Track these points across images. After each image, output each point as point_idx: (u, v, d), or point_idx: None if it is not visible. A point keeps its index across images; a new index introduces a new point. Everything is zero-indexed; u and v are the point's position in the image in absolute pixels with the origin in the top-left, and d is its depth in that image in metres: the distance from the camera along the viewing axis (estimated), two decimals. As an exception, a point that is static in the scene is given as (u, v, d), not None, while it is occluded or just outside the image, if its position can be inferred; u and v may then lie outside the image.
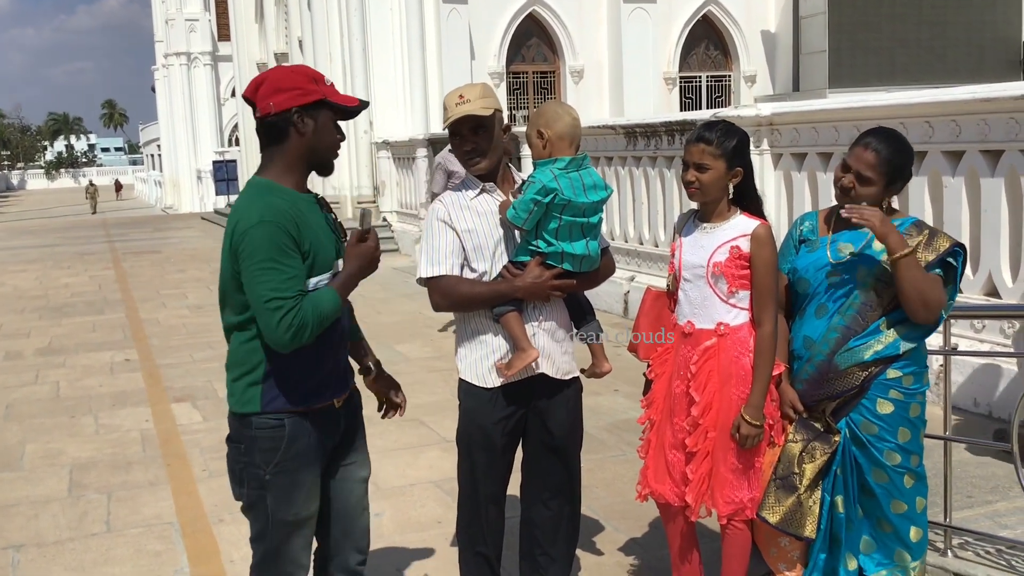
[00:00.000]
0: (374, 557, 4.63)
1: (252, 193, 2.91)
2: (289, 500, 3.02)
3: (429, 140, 16.56)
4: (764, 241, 3.39)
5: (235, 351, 3.00)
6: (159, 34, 45.43)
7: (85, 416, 7.44)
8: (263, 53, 30.53)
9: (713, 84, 23.22)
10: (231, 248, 2.85)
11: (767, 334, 3.38)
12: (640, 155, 10.49)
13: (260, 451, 2.97)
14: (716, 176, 3.40)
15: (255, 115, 2.91)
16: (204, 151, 41.03)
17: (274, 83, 2.88)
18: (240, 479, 3.05)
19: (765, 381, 3.37)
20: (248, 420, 2.97)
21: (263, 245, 2.77)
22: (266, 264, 2.77)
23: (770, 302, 3.39)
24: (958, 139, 6.63)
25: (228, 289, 2.93)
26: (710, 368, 3.45)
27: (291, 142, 2.89)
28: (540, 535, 3.67)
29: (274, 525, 3.03)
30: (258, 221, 2.78)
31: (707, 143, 3.39)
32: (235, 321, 2.95)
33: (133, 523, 5.20)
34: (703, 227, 3.51)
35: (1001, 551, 4.05)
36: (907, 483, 3.25)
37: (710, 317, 3.46)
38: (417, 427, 6.69)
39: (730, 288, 3.42)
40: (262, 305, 2.78)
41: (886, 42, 20.94)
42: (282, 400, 2.94)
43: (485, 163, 3.41)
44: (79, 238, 26.27)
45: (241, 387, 2.97)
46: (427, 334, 9.97)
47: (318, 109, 2.90)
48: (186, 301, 13.25)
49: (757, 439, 3.37)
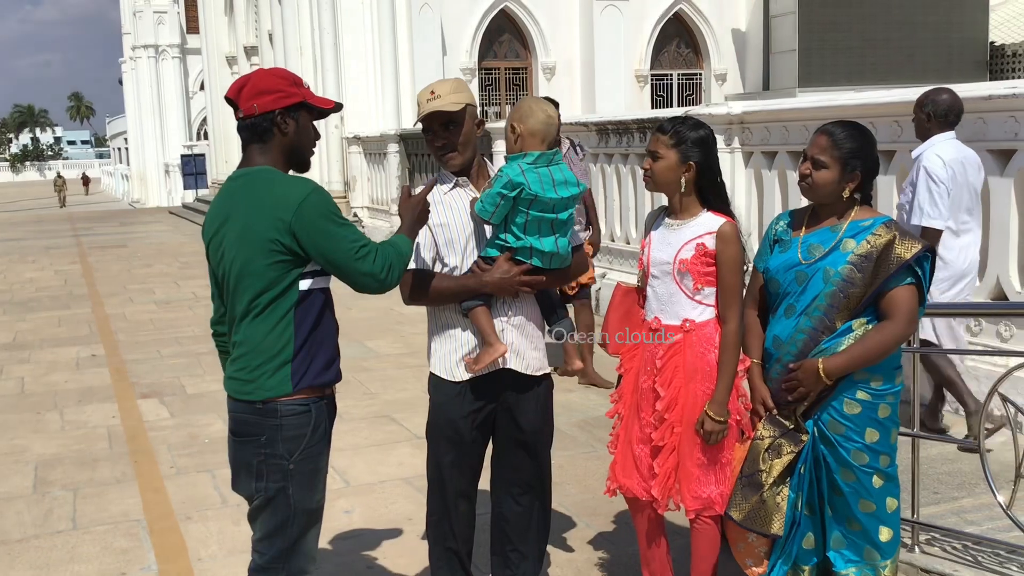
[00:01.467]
0: (344, 554, 4.61)
1: (274, 175, 2.99)
2: (312, 487, 3.07)
3: (400, 135, 16.51)
4: (729, 239, 3.43)
5: (258, 335, 2.96)
6: (127, 26, 44.83)
7: (51, 412, 7.35)
8: (232, 46, 30.31)
9: (684, 82, 23.32)
10: (283, 224, 2.87)
11: (732, 331, 3.43)
12: (612, 152, 10.51)
13: (284, 440, 2.97)
14: (667, 166, 3.45)
15: (237, 115, 3.02)
16: (172, 145, 40.61)
17: (256, 86, 3.00)
18: (258, 473, 3.00)
19: (730, 377, 3.42)
20: (273, 408, 2.96)
21: (328, 207, 2.93)
22: (339, 220, 2.93)
23: (735, 299, 3.44)
24: (926, 139, 6.68)
25: (254, 272, 2.91)
26: (676, 364, 3.49)
27: (274, 141, 3.02)
28: (511, 531, 3.67)
29: (296, 516, 3.03)
30: (313, 189, 2.93)
31: (663, 132, 3.46)
32: (258, 306, 2.94)
33: (100, 520, 5.14)
34: (671, 224, 3.55)
35: (967, 547, 4.10)
36: (875, 483, 3.26)
37: (676, 313, 3.50)
38: (388, 423, 6.66)
39: (696, 285, 3.46)
40: (352, 256, 2.92)
41: (855, 42, 21.11)
42: (310, 376, 2.99)
43: (458, 158, 3.42)
44: (44, 232, 25.96)
45: (268, 371, 2.95)
46: (398, 330, 9.94)
47: (299, 110, 3.04)
48: (153, 296, 13.13)
49: (721, 435, 3.42)
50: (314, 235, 2.89)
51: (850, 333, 3.23)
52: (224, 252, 2.99)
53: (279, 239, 2.88)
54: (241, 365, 3.00)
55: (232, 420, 3.07)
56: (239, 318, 2.99)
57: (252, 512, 3.10)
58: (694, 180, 3.47)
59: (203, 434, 6.59)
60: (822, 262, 3.25)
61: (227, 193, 3.04)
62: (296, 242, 2.89)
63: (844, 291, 3.21)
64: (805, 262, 3.29)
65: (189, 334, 10.22)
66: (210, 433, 6.58)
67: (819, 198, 3.32)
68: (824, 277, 3.24)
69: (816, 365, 3.21)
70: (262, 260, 2.90)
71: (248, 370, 2.98)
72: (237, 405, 3.03)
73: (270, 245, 2.89)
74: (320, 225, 2.89)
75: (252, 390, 2.97)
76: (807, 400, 3.28)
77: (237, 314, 3.00)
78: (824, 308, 3.24)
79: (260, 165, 3.01)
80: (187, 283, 14.08)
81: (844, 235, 3.26)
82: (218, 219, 3.03)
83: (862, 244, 3.21)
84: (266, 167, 3.01)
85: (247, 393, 2.98)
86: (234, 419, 3.06)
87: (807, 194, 3.35)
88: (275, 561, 3.07)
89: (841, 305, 3.23)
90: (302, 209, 2.88)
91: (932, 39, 21.46)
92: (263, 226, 2.89)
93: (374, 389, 7.49)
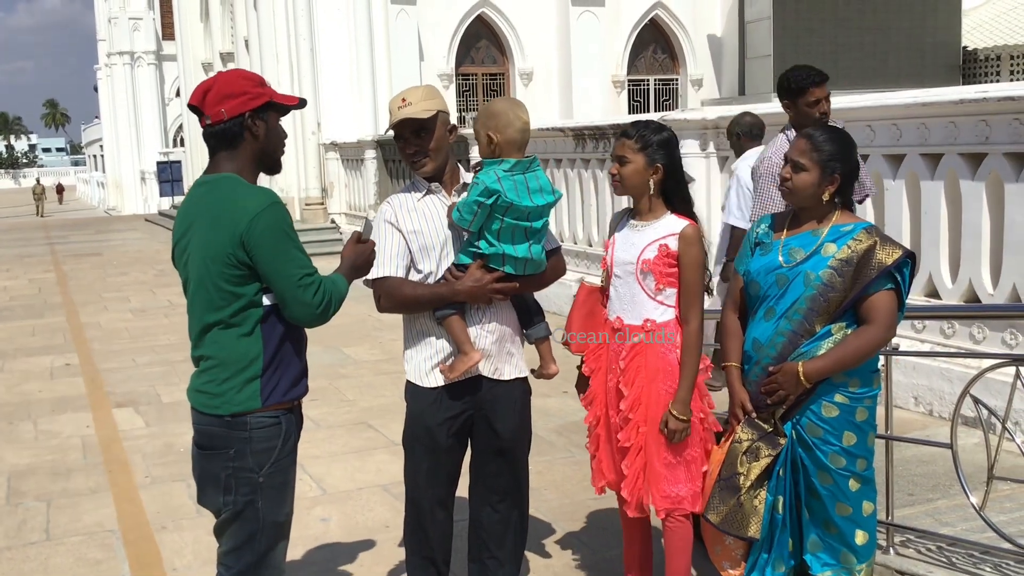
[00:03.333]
0: (321, 562, 4.59)
1: (236, 184, 2.90)
2: (281, 500, 3.03)
3: (378, 142, 16.49)
4: (692, 240, 3.49)
5: (224, 349, 2.91)
6: (102, 33, 44.55)
7: (24, 422, 7.27)
8: (208, 53, 30.14)
9: (661, 87, 23.41)
10: (237, 236, 2.80)
11: (693, 331, 3.49)
12: (588, 157, 10.53)
13: (254, 453, 2.93)
14: (635, 170, 3.50)
15: (204, 123, 2.93)
16: (148, 152, 40.36)
17: (221, 90, 2.91)
18: (226, 486, 2.95)
19: (691, 377, 3.48)
20: (243, 421, 2.91)
21: (281, 226, 2.85)
22: (289, 244, 2.85)
23: (696, 300, 3.51)
24: (899, 142, 6.75)
25: (213, 283, 2.86)
26: (638, 364, 3.54)
27: (245, 146, 2.95)
28: (488, 538, 3.66)
29: (264, 529, 2.99)
30: (270, 204, 2.84)
31: (628, 137, 3.52)
32: (219, 318, 2.89)
33: (73, 531, 5.09)
34: (635, 225, 3.61)
35: (942, 548, 4.12)
36: (852, 486, 3.28)
37: (638, 313, 3.56)
38: (365, 430, 6.64)
39: (657, 285, 3.52)
40: (294, 283, 2.84)
41: (829, 47, 21.23)
42: (278, 393, 2.95)
43: (430, 164, 3.42)
44: (18, 240, 25.72)
45: (235, 386, 2.90)
46: (376, 336, 9.91)
47: (267, 111, 2.97)
48: (129, 304, 13.03)
49: (684, 433, 3.47)
50: (262, 250, 2.82)
51: (829, 337, 3.25)
52: (187, 260, 2.95)
53: (233, 252, 2.82)
54: (209, 378, 2.94)
55: (198, 433, 3.01)
56: (203, 329, 2.94)
57: (219, 525, 3.05)
58: (661, 182, 3.51)
59: (178, 443, 6.53)
60: (803, 266, 3.27)
61: (191, 200, 2.99)
62: (248, 256, 2.82)
63: (824, 295, 3.23)
64: (786, 265, 3.31)
65: (164, 342, 10.15)
66: (185, 442, 6.47)
67: (799, 201, 3.34)
68: (805, 281, 3.25)
69: (796, 368, 3.22)
70: (220, 271, 2.85)
71: (216, 383, 2.93)
72: (203, 418, 2.97)
73: (226, 258, 2.83)
74: (270, 241, 2.82)
75: (220, 404, 2.92)
76: (786, 403, 3.29)
77: (199, 325, 2.95)
78: (804, 312, 3.26)
79: (226, 172, 2.94)
80: (163, 291, 13.98)
81: (825, 239, 3.27)
82: (183, 226, 2.99)
83: (843, 249, 3.23)
84: (230, 175, 2.93)
85: (215, 408, 2.93)
86: (200, 432, 3.00)
87: (787, 197, 3.38)
88: (241, 575, 3.03)
89: (821, 309, 3.24)
90: (255, 222, 2.80)
91: (906, 44, 21.64)
92: (220, 237, 2.83)
93: (351, 396, 7.46)
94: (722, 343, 3.55)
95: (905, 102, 6.65)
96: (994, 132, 6.05)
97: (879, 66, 21.24)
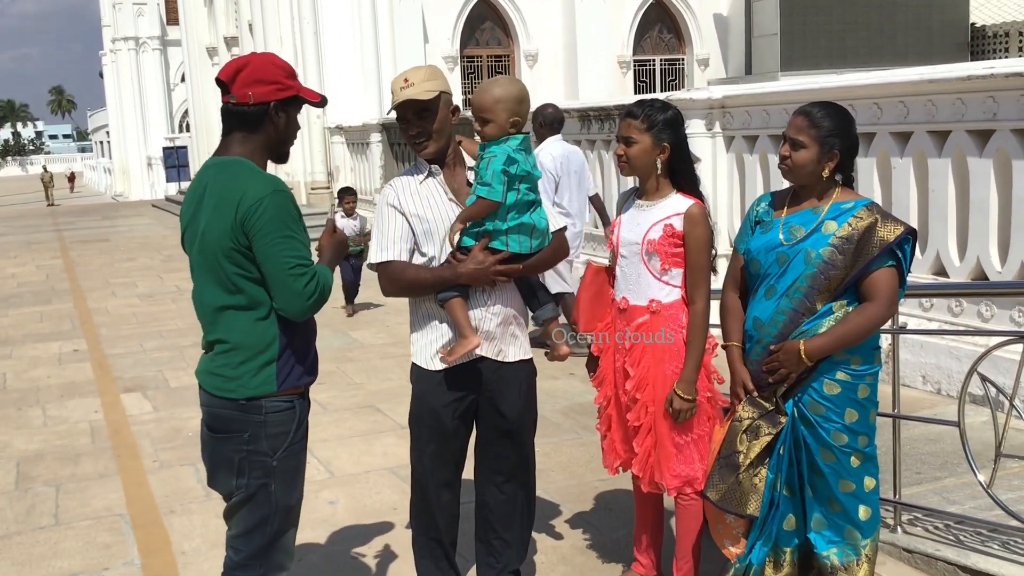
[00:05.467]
0: (329, 544, 4.60)
1: (243, 168, 2.91)
2: (294, 484, 3.05)
3: (383, 125, 16.44)
4: (697, 220, 3.48)
5: (240, 333, 2.91)
6: (106, 18, 44.47)
7: (33, 408, 7.30)
8: (213, 37, 30.12)
9: (667, 67, 23.29)
10: (238, 221, 2.81)
11: (699, 311, 3.49)
12: (594, 138, 10.48)
13: (268, 437, 2.94)
14: (642, 150, 3.49)
15: (227, 99, 2.93)
16: (154, 137, 40.40)
17: (254, 73, 2.92)
18: (240, 470, 2.96)
19: (698, 356, 3.48)
20: (258, 405, 2.91)
21: (281, 213, 2.83)
22: (286, 232, 2.83)
23: (702, 280, 3.50)
24: (906, 120, 6.70)
25: (221, 267, 2.87)
26: (643, 344, 3.54)
27: (263, 132, 2.96)
28: (494, 519, 3.66)
29: (277, 512, 3.01)
30: (273, 191, 2.84)
31: (634, 117, 3.50)
32: (233, 302, 2.89)
33: (82, 516, 5.11)
34: (641, 205, 3.60)
35: (949, 526, 4.12)
36: (854, 463, 3.27)
37: (643, 294, 3.56)
38: (372, 413, 6.65)
39: (663, 265, 3.51)
40: (286, 272, 2.82)
41: (837, 25, 21.11)
42: (293, 377, 2.96)
43: (432, 146, 3.39)
44: (26, 227, 25.78)
45: (251, 369, 2.90)
46: (383, 320, 9.92)
47: (291, 104, 2.99)
48: (136, 290, 13.05)
49: (690, 413, 3.49)
50: (260, 236, 2.81)
51: (830, 315, 3.24)
52: (197, 241, 2.94)
53: (236, 236, 2.82)
54: (224, 361, 2.94)
55: (209, 416, 3.01)
56: (215, 311, 2.94)
57: (230, 509, 3.05)
58: (667, 161, 3.50)
59: (186, 427, 6.55)
60: (803, 243, 3.25)
61: (200, 181, 2.99)
62: (248, 240, 2.83)
63: (825, 273, 3.21)
64: (786, 243, 3.29)
65: (172, 327, 10.17)
66: (193, 427, 6.55)
67: (799, 179, 3.32)
68: (805, 259, 3.23)
69: (797, 346, 3.21)
70: (223, 253, 2.85)
71: (231, 366, 2.92)
72: (216, 401, 2.96)
73: (230, 242, 2.84)
74: (268, 228, 2.81)
75: (235, 388, 2.92)
76: (788, 381, 3.28)
77: (211, 307, 2.94)
78: (805, 290, 3.24)
79: (236, 155, 2.94)
80: (170, 276, 14.01)
81: (826, 217, 3.25)
82: (191, 208, 2.99)
83: (844, 226, 3.21)
84: (239, 158, 2.93)
85: (229, 391, 2.92)
86: (212, 415, 2.99)
87: (788, 176, 3.35)
88: (252, 559, 3.03)
89: (822, 287, 3.23)
90: (257, 208, 2.80)
91: (913, 21, 21.48)
92: (225, 219, 2.83)
93: (358, 379, 7.47)
94: (723, 323, 3.54)
95: (912, 79, 6.59)
96: (1002, 108, 6.00)
97: (887, 44, 21.09)
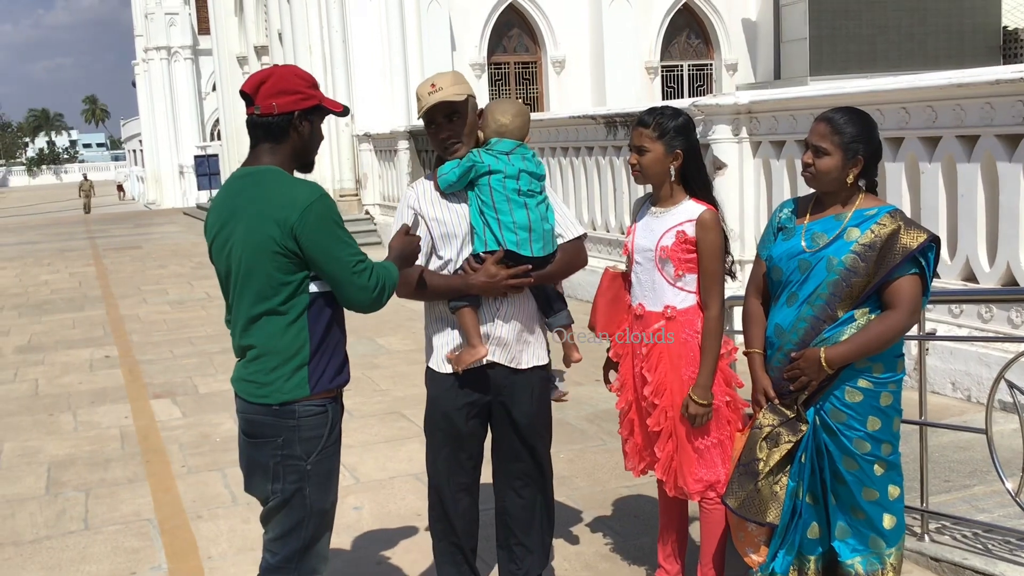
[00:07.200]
0: (354, 550, 4.62)
1: (282, 176, 2.96)
2: (328, 487, 3.08)
3: (411, 132, 16.52)
4: (709, 226, 3.48)
5: (272, 338, 2.94)
6: (139, 28, 44.97)
7: (64, 414, 7.39)
8: (243, 46, 30.38)
9: (695, 73, 23.22)
10: (287, 226, 2.84)
11: (713, 316, 3.49)
12: (620, 144, 10.48)
13: (302, 441, 2.97)
14: (655, 158, 3.50)
15: (251, 110, 2.99)
16: (186, 146, 40.73)
17: (277, 84, 2.97)
18: (275, 474, 2.99)
19: (712, 362, 3.48)
20: (291, 409, 2.95)
21: (332, 216, 2.90)
22: (340, 232, 2.91)
23: (716, 285, 3.50)
24: (934, 125, 6.65)
25: (265, 272, 2.90)
26: (660, 350, 3.55)
27: (289, 142, 3.00)
28: (514, 525, 3.67)
29: (311, 516, 3.03)
30: (320, 195, 2.90)
31: (645, 126, 3.51)
32: (269, 307, 2.92)
33: (111, 520, 5.17)
34: (653, 211, 3.61)
35: (978, 535, 4.07)
36: (877, 471, 3.24)
37: (659, 300, 3.57)
38: (397, 420, 6.67)
39: (677, 272, 3.52)
40: (350, 269, 2.89)
41: (866, 29, 20.96)
42: (325, 380, 2.99)
43: (463, 149, 3.43)
44: (60, 235, 26.11)
45: (284, 374, 2.94)
46: (409, 326, 9.95)
47: (314, 113, 3.04)
48: (167, 297, 13.19)
49: (706, 418, 3.48)
50: (316, 241, 2.86)
51: (852, 322, 3.21)
52: (231, 251, 2.97)
53: (283, 242, 2.86)
54: (257, 367, 2.97)
55: (245, 422, 3.04)
56: (249, 319, 2.97)
57: (266, 513, 3.09)
58: (680, 168, 3.51)
59: (214, 433, 6.61)
60: (826, 251, 3.23)
61: (231, 191, 3.01)
62: (297, 246, 2.86)
63: (847, 280, 3.18)
64: (808, 250, 3.26)
65: (202, 334, 10.26)
66: (221, 432, 6.61)
67: (823, 186, 3.29)
68: (827, 266, 3.21)
69: (818, 354, 3.19)
70: (267, 261, 2.88)
71: (264, 372, 2.95)
72: (250, 407, 3.00)
73: (274, 247, 2.86)
74: (324, 232, 2.87)
75: (268, 393, 2.95)
76: (809, 389, 3.26)
77: (246, 315, 2.97)
78: (827, 297, 3.22)
79: (267, 164, 2.99)
80: (200, 283, 14.14)
81: (848, 224, 3.22)
82: (221, 217, 3.01)
83: (867, 233, 3.18)
84: (272, 168, 2.98)
85: (263, 396, 2.96)
86: (248, 421, 3.03)
87: (811, 183, 3.33)
88: (287, 561, 3.06)
89: (844, 294, 3.20)
90: (307, 213, 2.85)
91: (944, 25, 21.28)
92: (268, 227, 2.86)
93: (384, 386, 7.50)
94: (744, 329, 3.52)
95: (940, 83, 6.53)
96: (1032, 112, 5.94)
97: (916, 49, 20.92)
